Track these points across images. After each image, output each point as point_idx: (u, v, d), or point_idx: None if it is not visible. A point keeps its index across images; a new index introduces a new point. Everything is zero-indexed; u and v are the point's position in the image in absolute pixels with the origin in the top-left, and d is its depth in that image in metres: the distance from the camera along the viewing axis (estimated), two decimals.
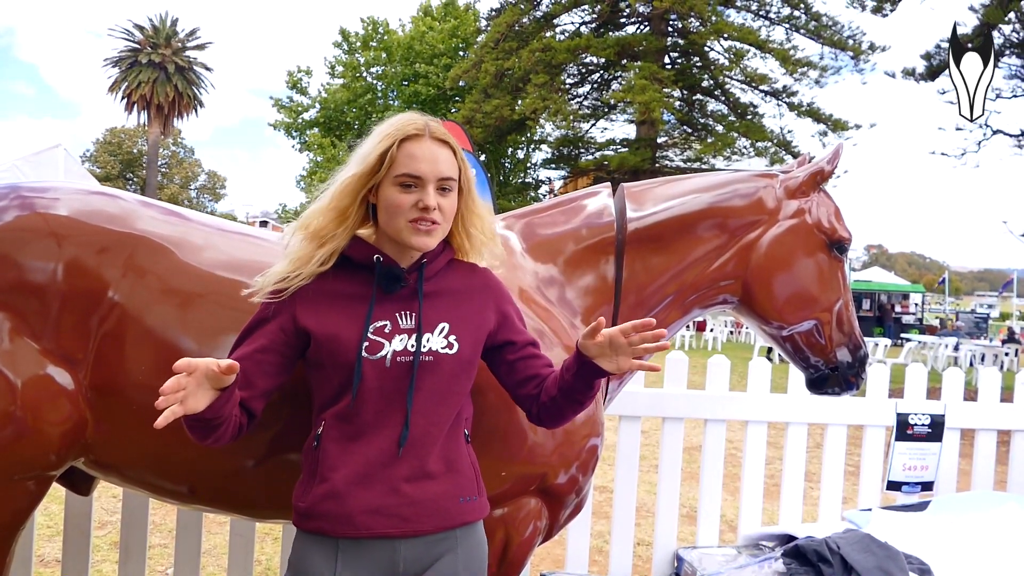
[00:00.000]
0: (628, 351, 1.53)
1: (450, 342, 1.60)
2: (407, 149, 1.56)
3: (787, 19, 24.60)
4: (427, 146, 1.57)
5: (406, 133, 1.57)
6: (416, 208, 1.55)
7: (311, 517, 1.54)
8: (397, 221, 1.57)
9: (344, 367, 1.54)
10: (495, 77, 24.77)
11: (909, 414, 3.26)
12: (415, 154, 1.56)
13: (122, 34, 43.90)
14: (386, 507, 1.52)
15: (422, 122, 1.60)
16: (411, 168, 1.55)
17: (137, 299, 1.78)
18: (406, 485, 1.54)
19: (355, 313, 1.58)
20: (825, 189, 2.39)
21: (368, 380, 1.53)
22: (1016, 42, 14.74)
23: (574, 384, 1.60)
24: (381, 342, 1.55)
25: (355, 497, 1.52)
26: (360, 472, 1.53)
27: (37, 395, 1.71)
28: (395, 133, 1.57)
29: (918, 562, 2.57)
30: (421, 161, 1.56)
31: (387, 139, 1.57)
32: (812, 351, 2.35)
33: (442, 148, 1.59)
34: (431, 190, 1.56)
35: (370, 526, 1.52)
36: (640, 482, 4.22)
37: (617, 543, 3.07)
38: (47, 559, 3.83)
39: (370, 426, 1.55)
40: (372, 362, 1.54)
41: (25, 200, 1.82)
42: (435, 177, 1.57)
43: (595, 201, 2.29)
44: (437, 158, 1.57)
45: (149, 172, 44.61)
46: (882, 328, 28.87)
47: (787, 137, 24.70)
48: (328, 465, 1.55)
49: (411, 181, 1.56)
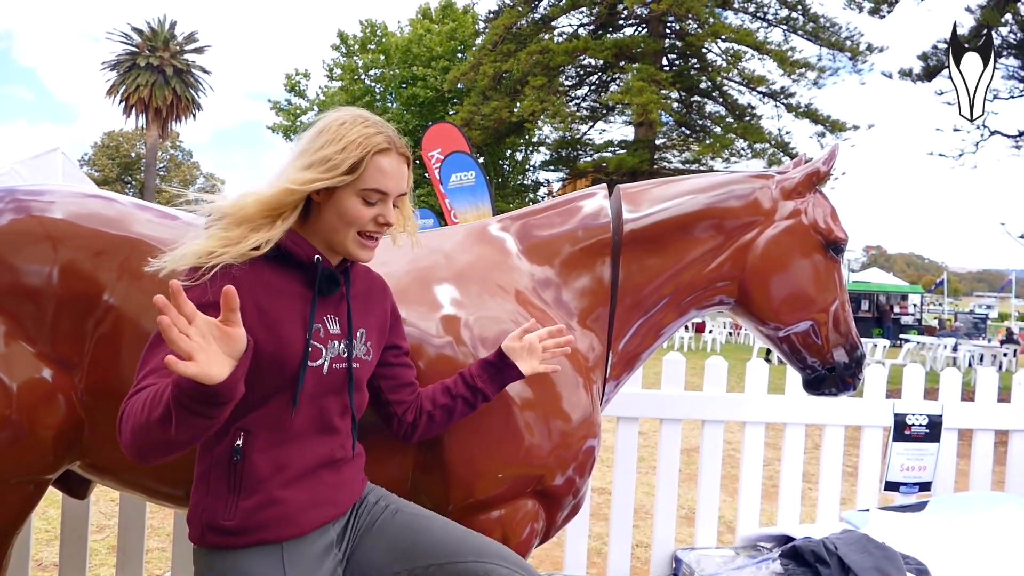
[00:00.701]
0: (539, 355, 1.77)
1: (368, 348, 1.64)
2: (378, 163, 1.54)
3: (785, 20, 24.60)
4: (395, 161, 1.57)
5: (378, 147, 1.54)
6: (374, 222, 1.56)
7: (247, 531, 1.46)
8: (348, 231, 1.55)
9: (283, 372, 1.48)
10: (493, 79, 24.77)
11: (907, 414, 3.26)
12: (385, 170, 1.54)
13: (120, 38, 43.88)
14: (318, 498, 1.54)
15: (386, 134, 1.56)
16: (380, 184, 1.54)
17: (132, 302, 1.78)
18: (329, 475, 1.57)
19: (293, 314, 1.51)
20: (821, 190, 2.39)
21: (307, 387, 1.51)
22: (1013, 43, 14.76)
23: (486, 388, 1.75)
24: (320, 348, 1.53)
25: (292, 499, 1.50)
26: (293, 476, 1.51)
27: (32, 398, 1.71)
28: (367, 144, 1.52)
29: (915, 562, 2.57)
30: (390, 178, 1.55)
31: (359, 150, 1.51)
32: (809, 352, 2.35)
33: (404, 163, 1.59)
34: (390, 205, 1.57)
35: (312, 520, 1.52)
36: (638, 483, 4.22)
37: (615, 545, 3.07)
38: (45, 563, 3.83)
39: (300, 431, 1.52)
40: (312, 369, 1.51)
41: (21, 203, 1.83)
42: (397, 193, 1.58)
43: (591, 202, 2.29)
44: (402, 175, 1.58)
45: (147, 175, 44.56)
46: (881, 329, 28.89)
47: (785, 138, 24.69)
48: (256, 478, 1.47)
49: (376, 197, 1.55)
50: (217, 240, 1.48)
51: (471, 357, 1.92)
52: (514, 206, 26.74)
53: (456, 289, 2.03)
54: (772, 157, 23.84)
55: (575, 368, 2.04)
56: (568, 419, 1.99)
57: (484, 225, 2.28)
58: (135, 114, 43.94)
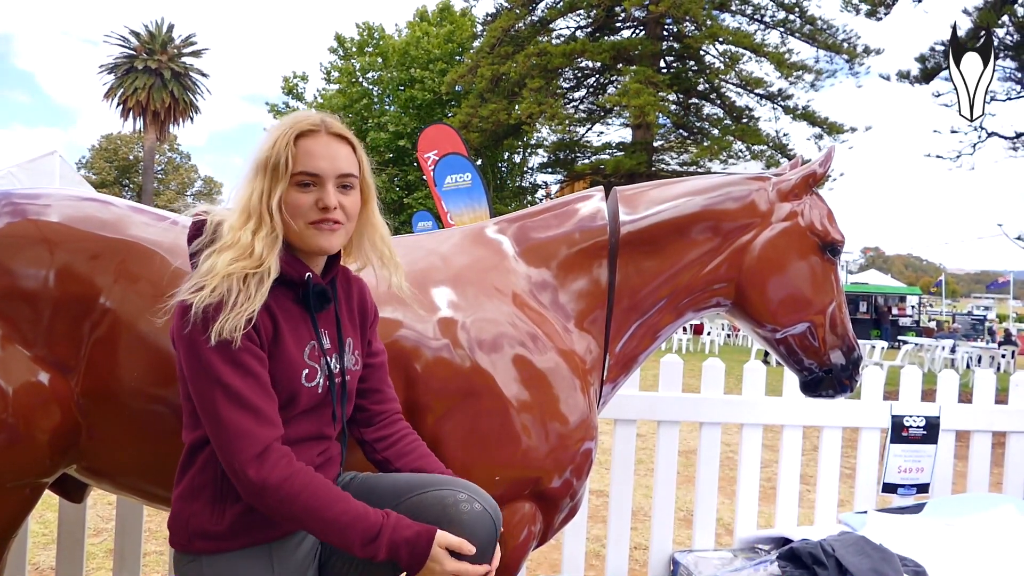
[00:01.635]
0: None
1: (356, 357, 1.63)
2: (303, 146, 1.47)
3: (782, 23, 24.65)
4: (324, 141, 1.49)
5: (300, 129, 1.48)
6: (316, 209, 1.47)
7: (237, 535, 1.47)
8: (298, 223, 1.47)
9: (281, 393, 1.46)
10: (491, 82, 24.80)
11: (904, 416, 3.26)
12: (312, 151, 1.47)
13: (118, 41, 43.87)
14: None
15: (317, 117, 1.51)
16: (308, 166, 1.46)
17: (129, 305, 1.77)
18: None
19: (291, 332, 1.49)
20: (817, 192, 2.39)
21: (302, 405, 1.50)
22: (1010, 45, 14.79)
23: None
24: (315, 367, 1.51)
25: None
26: None
27: (29, 402, 1.71)
28: (289, 131, 1.47)
29: (913, 564, 2.56)
30: (319, 158, 1.47)
31: (283, 137, 1.46)
32: (805, 353, 2.35)
33: (341, 144, 1.51)
34: (331, 188, 1.47)
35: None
36: (636, 486, 4.22)
37: (613, 547, 3.06)
38: (41, 567, 3.82)
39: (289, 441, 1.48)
40: (308, 389, 1.50)
41: (17, 207, 1.82)
42: (334, 174, 1.48)
43: (588, 205, 2.29)
44: (336, 154, 1.49)
45: (145, 178, 44.54)
46: (879, 330, 28.91)
47: (783, 140, 24.73)
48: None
49: (309, 180, 1.47)
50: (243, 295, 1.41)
51: (468, 360, 1.92)
52: (512, 208, 26.76)
53: (453, 291, 2.03)
54: (770, 159, 23.89)
55: (572, 370, 2.04)
56: (565, 421, 1.99)
57: (481, 227, 2.28)
58: (133, 117, 43.92)
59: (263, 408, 1.40)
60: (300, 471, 1.40)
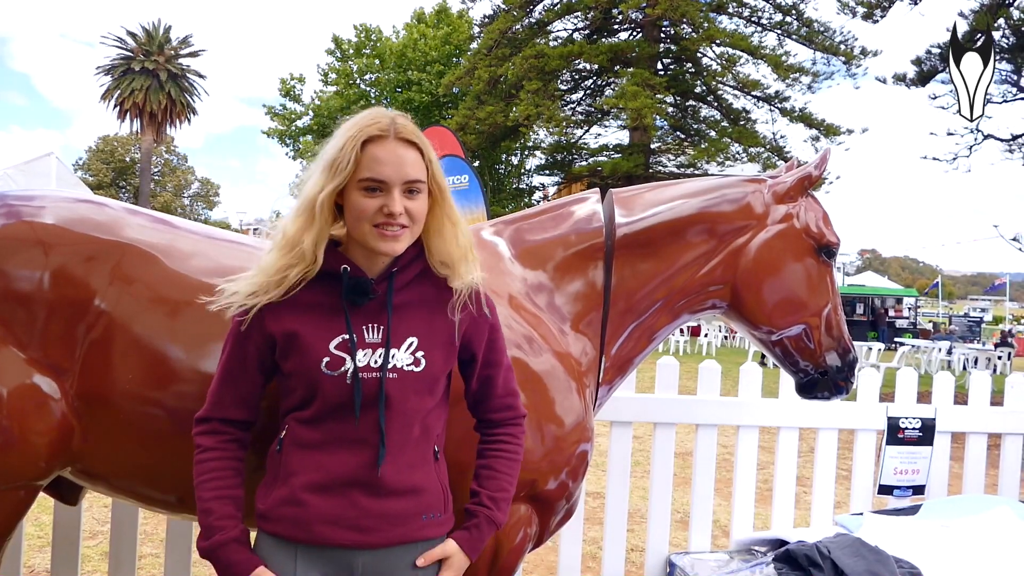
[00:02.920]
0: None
1: (417, 358, 1.55)
2: (371, 152, 1.49)
3: (779, 25, 24.72)
4: (391, 147, 1.50)
5: (369, 135, 1.50)
6: (381, 213, 1.49)
7: (270, 520, 1.53)
8: (362, 226, 1.51)
9: (306, 380, 1.52)
10: (488, 84, 24.81)
11: (900, 418, 3.27)
12: (379, 157, 1.49)
13: (115, 42, 43.84)
14: (344, 518, 1.50)
15: (387, 121, 1.52)
16: (374, 172, 1.48)
17: (124, 307, 1.77)
18: (365, 499, 1.51)
19: (320, 325, 1.53)
20: (813, 194, 2.39)
21: (329, 396, 1.50)
22: (1006, 47, 14.83)
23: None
24: (343, 357, 1.51)
25: (314, 506, 1.49)
26: (320, 482, 1.50)
27: (23, 404, 1.70)
28: (358, 135, 1.50)
29: (908, 566, 2.57)
30: (385, 164, 1.49)
31: (350, 142, 1.49)
32: (801, 355, 2.36)
33: (408, 149, 1.51)
34: (396, 195, 1.49)
35: (327, 536, 1.50)
36: (632, 488, 4.22)
37: (609, 549, 3.06)
38: (36, 569, 3.81)
39: (332, 438, 1.52)
40: (332, 378, 1.50)
41: (11, 208, 1.82)
42: (400, 181, 1.50)
43: (584, 207, 2.29)
44: (403, 160, 1.50)
45: (142, 180, 44.49)
46: (875, 332, 28.96)
47: (780, 142, 24.79)
48: (289, 470, 1.53)
49: (375, 185, 1.49)
50: (256, 284, 1.55)
51: None
52: (509, 210, 26.74)
53: None
54: (767, 161, 23.93)
55: (568, 372, 2.04)
56: (561, 424, 1.99)
57: (477, 229, 2.28)
58: (130, 119, 43.91)
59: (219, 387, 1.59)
60: (202, 448, 1.57)
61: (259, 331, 1.55)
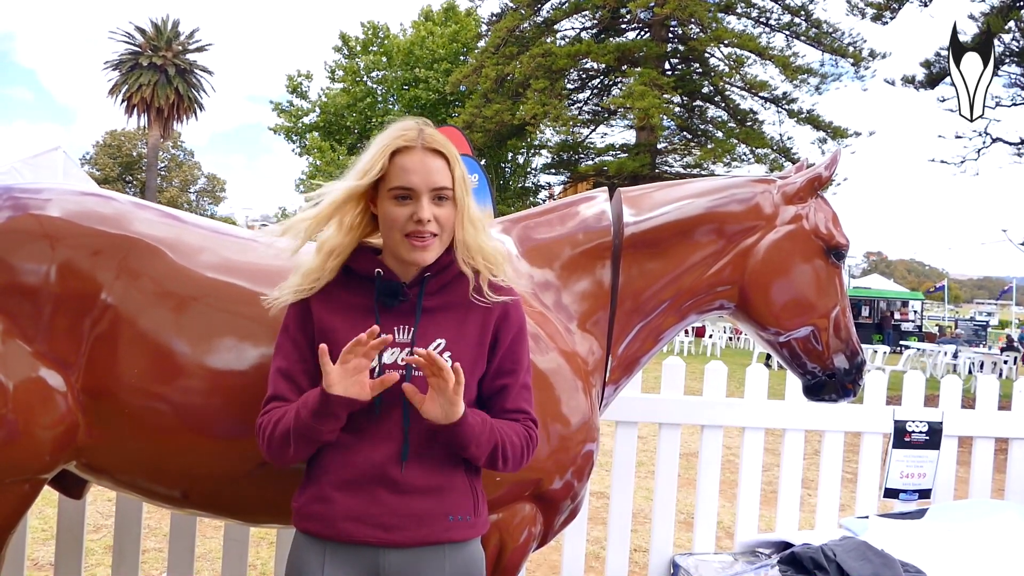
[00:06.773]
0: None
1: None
2: (399, 162, 1.57)
3: (787, 26, 24.64)
4: (419, 157, 1.57)
5: (397, 145, 1.58)
6: (411, 221, 1.55)
7: (302, 517, 1.59)
8: (393, 235, 1.58)
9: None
10: (495, 82, 24.78)
11: (906, 421, 3.25)
12: (407, 166, 1.56)
13: (123, 37, 43.94)
14: (368, 516, 1.53)
15: (415, 132, 1.59)
16: (403, 181, 1.55)
17: (131, 302, 1.77)
18: (390, 497, 1.53)
19: (353, 323, 1.58)
20: (823, 195, 2.38)
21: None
22: (1016, 51, 14.77)
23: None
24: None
25: (339, 502, 1.54)
26: (347, 479, 1.54)
27: (29, 398, 1.70)
28: (388, 145, 1.58)
29: (914, 570, 2.55)
30: (413, 173, 1.55)
31: (380, 152, 1.57)
32: (809, 357, 2.34)
33: (435, 158, 1.58)
34: (425, 202, 1.55)
35: (351, 533, 1.53)
36: (637, 488, 4.21)
37: (613, 549, 3.06)
38: (40, 562, 3.82)
39: (360, 436, 1.56)
40: None
41: (18, 201, 1.82)
42: (428, 188, 1.56)
43: (592, 206, 2.29)
44: (430, 169, 1.57)
45: (148, 175, 44.62)
46: (881, 335, 28.86)
47: (787, 144, 24.72)
48: (321, 468, 1.58)
49: (405, 193, 1.56)
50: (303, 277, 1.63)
51: None
52: (515, 209, 26.71)
53: None
54: (774, 162, 23.87)
55: (574, 371, 2.03)
56: (567, 423, 1.98)
57: None
58: (137, 114, 44.00)
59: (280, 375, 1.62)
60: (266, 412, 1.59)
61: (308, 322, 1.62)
